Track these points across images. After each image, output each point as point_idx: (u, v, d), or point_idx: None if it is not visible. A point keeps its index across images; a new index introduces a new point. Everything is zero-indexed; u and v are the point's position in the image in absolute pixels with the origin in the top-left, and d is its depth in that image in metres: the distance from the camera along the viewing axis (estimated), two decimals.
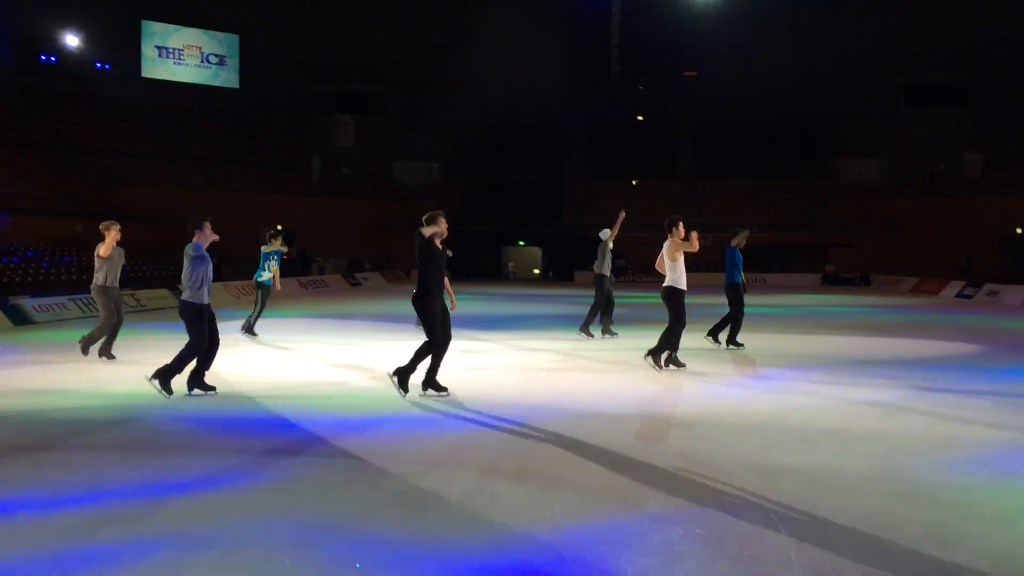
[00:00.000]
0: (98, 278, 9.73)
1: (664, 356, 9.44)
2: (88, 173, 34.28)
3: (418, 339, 8.37)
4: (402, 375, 7.72)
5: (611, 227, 12.92)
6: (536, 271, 43.01)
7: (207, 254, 7.72)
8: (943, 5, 37.88)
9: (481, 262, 38.49)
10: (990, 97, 40.51)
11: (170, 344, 9.15)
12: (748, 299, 12.19)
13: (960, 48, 38.76)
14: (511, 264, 43.62)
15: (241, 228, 35.07)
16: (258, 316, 13.02)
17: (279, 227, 37.59)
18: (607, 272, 12.86)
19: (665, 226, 9.45)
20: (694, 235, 9.17)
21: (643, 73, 44.56)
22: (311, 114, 45.80)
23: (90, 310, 16.19)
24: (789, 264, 38.64)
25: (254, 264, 13.35)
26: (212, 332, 7.76)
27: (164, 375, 7.61)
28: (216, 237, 7.93)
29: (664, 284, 9.44)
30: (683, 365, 9.56)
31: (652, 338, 9.94)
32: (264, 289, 13.00)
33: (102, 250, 9.65)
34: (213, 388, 7.84)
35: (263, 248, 13.21)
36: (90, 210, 27.48)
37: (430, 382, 7.75)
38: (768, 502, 4.65)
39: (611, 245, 12.90)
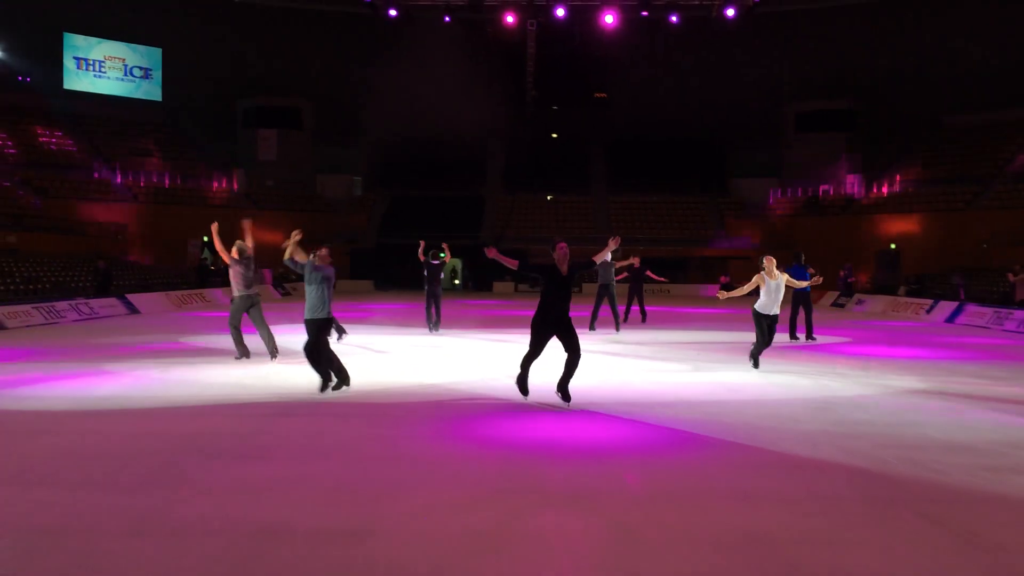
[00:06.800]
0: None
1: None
2: (12, 185, 34.56)
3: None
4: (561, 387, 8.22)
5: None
6: (456, 282, 44.93)
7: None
8: (828, 41, 41.72)
9: (403, 273, 39.88)
10: (869, 123, 44.51)
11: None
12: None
13: (843, 79, 42.67)
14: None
15: (168, 239, 36.31)
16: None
17: (204, 238, 38.81)
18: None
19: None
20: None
21: (557, 94, 47.15)
22: (234, 128, 46.66)
23: (52, 316, 17.36)
24: (692, 275, 41.67)
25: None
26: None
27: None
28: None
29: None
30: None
31: None
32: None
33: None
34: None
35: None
36: (19, 222, 28.21)
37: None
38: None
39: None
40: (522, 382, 8.26)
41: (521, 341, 15.12)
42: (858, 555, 4.31)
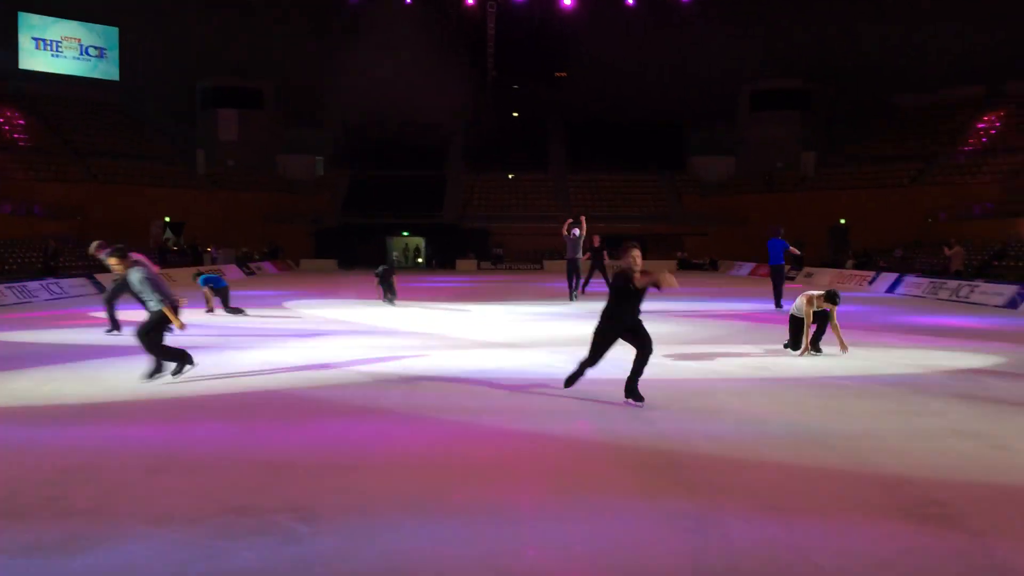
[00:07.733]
0: None
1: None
2: None
3: None
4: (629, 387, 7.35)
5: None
6: (420, 260, 45.56)
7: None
8: (783, 21, 42.83)
9: (365, 252, 40.39)
10: (823, 103, 45.82)
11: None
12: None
13: (797, 58, 43.85)
14: (395, 253, 45.80)
15: (128, 220, 36.35)
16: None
17: (167, 219, 39.03)
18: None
19: None
20: None
21: (517, 74, 47.82)
22: (194, 108, 46.57)
23: (25, 295, 17.77)
24: (650, 251, 42.73)
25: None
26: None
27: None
28: None
29: None
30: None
31: None
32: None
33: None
34: None
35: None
36: None
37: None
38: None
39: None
40: (571, 379, 7.62)
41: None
42: (761, 473, 5.20)
